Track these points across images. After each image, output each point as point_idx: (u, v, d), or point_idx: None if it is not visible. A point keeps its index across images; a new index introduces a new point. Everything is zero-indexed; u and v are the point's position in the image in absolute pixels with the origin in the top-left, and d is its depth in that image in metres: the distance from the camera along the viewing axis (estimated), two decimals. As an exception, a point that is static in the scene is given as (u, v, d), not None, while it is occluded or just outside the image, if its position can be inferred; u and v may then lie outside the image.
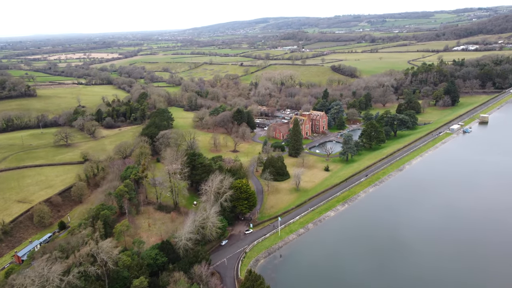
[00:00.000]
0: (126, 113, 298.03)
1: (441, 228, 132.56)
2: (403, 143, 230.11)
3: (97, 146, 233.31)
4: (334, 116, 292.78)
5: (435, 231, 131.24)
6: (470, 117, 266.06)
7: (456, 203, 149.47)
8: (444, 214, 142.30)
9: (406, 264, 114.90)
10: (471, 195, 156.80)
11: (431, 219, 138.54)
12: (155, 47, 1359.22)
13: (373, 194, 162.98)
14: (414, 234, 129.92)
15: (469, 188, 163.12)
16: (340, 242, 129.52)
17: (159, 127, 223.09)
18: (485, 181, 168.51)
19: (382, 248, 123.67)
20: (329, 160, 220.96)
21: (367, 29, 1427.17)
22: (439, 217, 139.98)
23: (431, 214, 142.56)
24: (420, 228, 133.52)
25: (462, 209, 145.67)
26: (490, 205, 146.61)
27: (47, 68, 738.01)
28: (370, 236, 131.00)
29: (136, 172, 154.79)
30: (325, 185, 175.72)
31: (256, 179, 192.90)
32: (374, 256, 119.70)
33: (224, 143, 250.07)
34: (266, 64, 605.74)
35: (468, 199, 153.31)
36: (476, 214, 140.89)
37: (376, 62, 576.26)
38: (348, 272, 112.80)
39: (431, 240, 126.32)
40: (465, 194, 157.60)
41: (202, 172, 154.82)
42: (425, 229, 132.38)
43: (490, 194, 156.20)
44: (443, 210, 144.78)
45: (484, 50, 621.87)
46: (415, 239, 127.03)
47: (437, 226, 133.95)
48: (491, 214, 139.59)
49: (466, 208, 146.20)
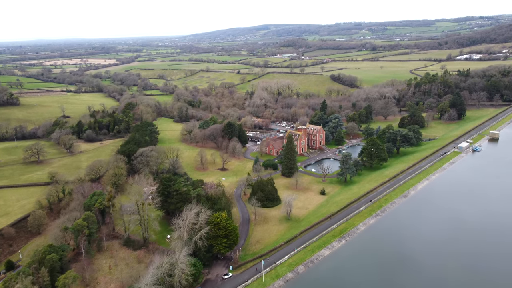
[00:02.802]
0: (109, 125, 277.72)
1: (456, 276, 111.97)
2: (407, 162, 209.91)
3: (72, 163, 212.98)
4: (332, 131, 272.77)
5: (449, 279, 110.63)
6: (479, 134, 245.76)
7: (472, 239, 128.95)
8: (457, 253, 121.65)
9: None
10: (489, 230, 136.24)
11: (443, 263, 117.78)
12: (154, 53, 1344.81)
13: (374, 227, 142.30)
14: (422, 281, 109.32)
15: (485, 220, 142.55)
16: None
17: (138, 143, 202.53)
18: (504, 209, 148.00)
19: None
20: (326, 181, 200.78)
21: (368, 37, 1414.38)
22: (453, 259, 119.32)
23: (442, 255, 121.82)
24: (430, 274, 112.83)
25: (480, 251, 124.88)
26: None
27: (40, 74, 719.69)
28: (370, 281, 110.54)
29: (101, 201, 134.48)
30: (320, 213, 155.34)
31: (243, 204, 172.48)
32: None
33: (212, 160, 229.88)
34: (263, 72, 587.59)
35: (488, 236, 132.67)
36: (499, 258, 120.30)
37: (377, 71, 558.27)
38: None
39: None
40: (481, 227, 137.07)
41: (177, 201, 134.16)
42: (436, 277, 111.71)
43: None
44: (456, 248, 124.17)
45: (488, 59, 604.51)
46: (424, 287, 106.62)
47: (451, 274, 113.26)
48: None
49: (485, 249, 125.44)
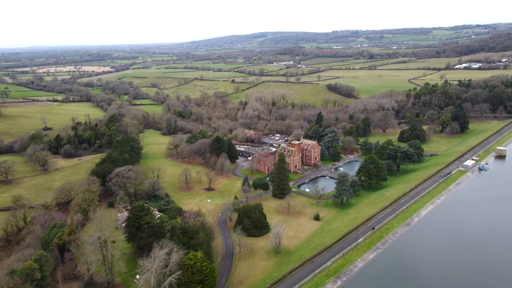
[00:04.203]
0: (91, 138, 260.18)
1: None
2: (408, 182, 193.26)
3: (44, 183, 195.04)
4: (328, 145, 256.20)
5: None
6: (484, 150, 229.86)
7: (490, 275, 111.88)
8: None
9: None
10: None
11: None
12: (149, 60, 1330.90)
13: (374, 263, 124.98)
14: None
15: (503, 248, 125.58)
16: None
17: (115, 162, 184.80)
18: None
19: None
20: (321, 203, 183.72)
21: (365, 45, 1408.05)
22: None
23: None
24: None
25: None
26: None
27: (30, 82, 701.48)
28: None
29: (61, 235, 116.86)
30: (313, 245, 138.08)
31: (228, 232, 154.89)
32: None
33: (197, 179, 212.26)
34: (258, 81, 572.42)
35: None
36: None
37: (375, 80, 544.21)
38: None
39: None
40: (499, 260, 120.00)
41: (148, 235, 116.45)
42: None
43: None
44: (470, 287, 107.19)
45: (488, 68, 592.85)
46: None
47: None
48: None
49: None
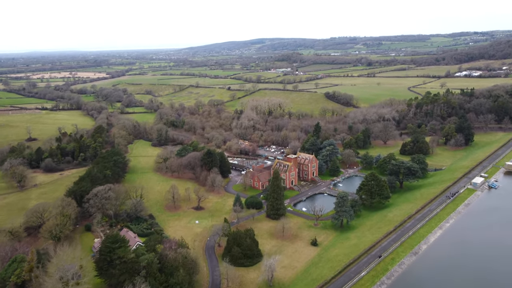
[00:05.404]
0: (74, 151, 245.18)
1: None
2: (413, 202, 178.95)
3: (18, 202, 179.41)
4: (326, 159, 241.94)
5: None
6: (493, 165, 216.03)
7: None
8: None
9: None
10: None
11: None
12: (146, 66, 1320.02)
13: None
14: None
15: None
16: None
17: (95, 180, 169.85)
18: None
19: None
20: (319, 225, 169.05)
21: (363, 52, 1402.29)
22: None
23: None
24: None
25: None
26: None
27: (22, 89, 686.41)
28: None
29: (20, 272, 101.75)
30: (310, 278, 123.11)
31: (216, 260, 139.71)
32: None
33: (186, 196, 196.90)
34: (255, 88, 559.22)
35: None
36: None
37: (374, 88, 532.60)
38: None
39: None
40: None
41: (120, 272, 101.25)
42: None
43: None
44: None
45: (488, 76, 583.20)
46: None
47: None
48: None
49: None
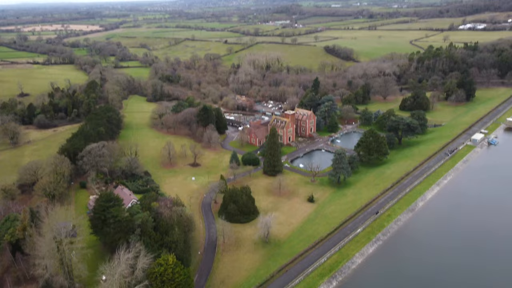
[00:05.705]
0: (67, 107, 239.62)
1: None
2: (411, 158, 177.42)
3: (11, 159, 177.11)
4: (324, 115, 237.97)
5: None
6: (493, 121, 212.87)
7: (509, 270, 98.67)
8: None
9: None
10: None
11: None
12: (140, 18, 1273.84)
13: (374, 258, 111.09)
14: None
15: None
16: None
17: (88, 137, 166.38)
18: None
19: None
20: (316, 181, 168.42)
21: (364, 3, 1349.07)
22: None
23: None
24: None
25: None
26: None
27: (12, 42, 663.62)
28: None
29: (13, 231, 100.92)
30: (306, 234, 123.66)
31: (212, 217, 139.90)
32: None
33: (182, 153, 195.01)
34: (252, 42, 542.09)
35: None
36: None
37: (375, 42, 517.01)
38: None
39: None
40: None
41: (115, 231, 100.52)
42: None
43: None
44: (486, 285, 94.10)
45: (493, 29, 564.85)
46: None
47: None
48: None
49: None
